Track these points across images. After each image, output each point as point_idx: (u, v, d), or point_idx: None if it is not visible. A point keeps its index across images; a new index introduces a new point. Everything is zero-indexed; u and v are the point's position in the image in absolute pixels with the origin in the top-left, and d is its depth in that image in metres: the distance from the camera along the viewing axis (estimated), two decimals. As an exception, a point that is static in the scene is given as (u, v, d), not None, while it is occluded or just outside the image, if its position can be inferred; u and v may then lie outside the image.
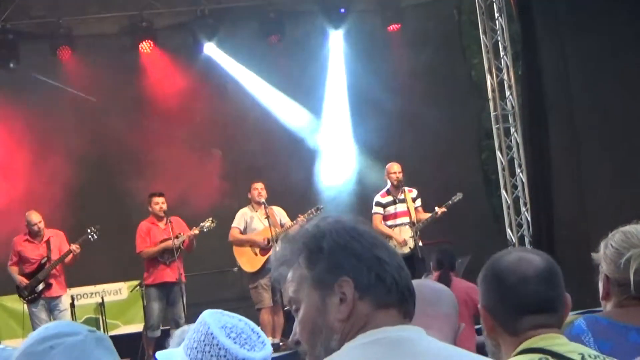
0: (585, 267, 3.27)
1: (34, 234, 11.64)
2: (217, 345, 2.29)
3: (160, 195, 11.86)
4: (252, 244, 11.58)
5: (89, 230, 11.77)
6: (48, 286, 11.54)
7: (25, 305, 11.68)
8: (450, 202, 12.27)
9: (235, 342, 2.30)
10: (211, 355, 2.29)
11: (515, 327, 2.51)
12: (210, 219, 11.68)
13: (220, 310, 2.45)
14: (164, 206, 11.68)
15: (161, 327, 11.64)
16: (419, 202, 12.32)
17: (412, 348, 1.88)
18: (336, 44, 15.05)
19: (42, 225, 11.65)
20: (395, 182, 12.19)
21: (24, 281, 11.52)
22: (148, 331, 11.60)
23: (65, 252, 11.53)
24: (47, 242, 11.64)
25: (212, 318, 2.37)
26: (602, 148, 12.94)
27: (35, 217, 11.67)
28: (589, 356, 2.47)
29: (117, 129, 14.19)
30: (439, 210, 12.14)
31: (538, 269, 2.51)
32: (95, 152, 14.08)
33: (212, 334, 2.30)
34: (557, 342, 2.48)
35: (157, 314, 11.56)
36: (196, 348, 2.32)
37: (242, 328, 2.35)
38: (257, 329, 2.39)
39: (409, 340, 1.89)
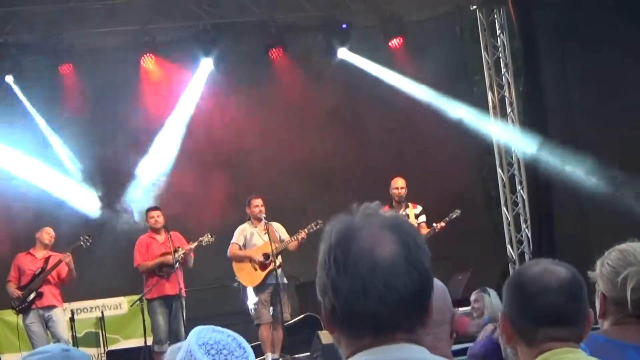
0: (587, 283, 3.26)
1: (41, 245, 11.65)
2: None
3: (156, 209, 11.93)
4: (251, 259, 11.55)
5: (81, 238, 11.80)
6: (39, 295, 11.47)
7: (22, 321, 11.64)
8: (448, 218, 12.18)
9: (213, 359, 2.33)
10: None
11: (532, 338, 2.52)
12: (208, 233, 11.66)
13: (210, 327, 2.48)
14: (160, 219, 11.67)
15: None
16: (422, 218, 12.17)
17: None
18: (339, 59, 14.98)
19: (53, 240, 11.72)
20: (396, 198, 12.06)
21: (16, 292, 11.50)
22: (156, 346, 11.49)
23: (57, 261, 11.50)
24: (46, 258, 11.60)
25: (196, 335, 2.41)
26: (603, 164, 12.95)
27: (51, 230, 11.80)
28: None
29: (117, 143, 14.19)
30: (437, 225, 12.08)
31: (560, 281, 2.51)
32: (94, 166, 14.09)
33: (191, 351, 2.35)
34: (571, 357, 2.47)
35: (163, 328, 11.48)
36: None
37: (227, 344, 2.38)
38: (245, 344, 2.42)
39: None
